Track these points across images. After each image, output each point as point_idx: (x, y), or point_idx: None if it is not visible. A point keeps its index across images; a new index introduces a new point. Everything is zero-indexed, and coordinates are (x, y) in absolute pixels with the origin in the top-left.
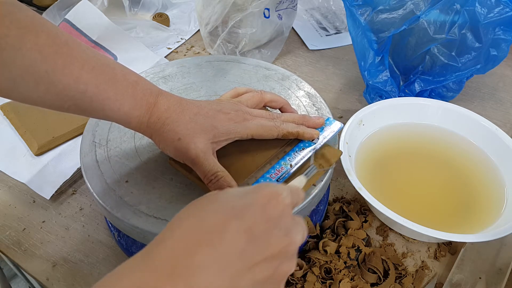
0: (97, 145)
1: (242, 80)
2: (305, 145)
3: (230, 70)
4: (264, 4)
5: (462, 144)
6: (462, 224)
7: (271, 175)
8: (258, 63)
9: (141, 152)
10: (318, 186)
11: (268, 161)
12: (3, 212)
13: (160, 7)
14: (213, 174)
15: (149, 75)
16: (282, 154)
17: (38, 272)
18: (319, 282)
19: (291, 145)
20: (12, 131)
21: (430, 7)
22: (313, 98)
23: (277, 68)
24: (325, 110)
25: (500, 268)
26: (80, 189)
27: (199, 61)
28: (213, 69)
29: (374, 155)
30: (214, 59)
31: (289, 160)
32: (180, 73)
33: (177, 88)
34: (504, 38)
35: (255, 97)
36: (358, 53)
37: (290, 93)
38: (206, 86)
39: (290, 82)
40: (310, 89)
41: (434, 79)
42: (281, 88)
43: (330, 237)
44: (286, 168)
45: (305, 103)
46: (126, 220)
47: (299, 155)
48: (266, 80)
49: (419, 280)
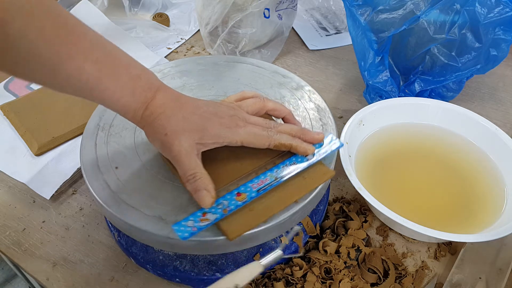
0: (97, 145)
1: (242, 80)
2: (297, 160)
3: (230, 70)
4: (264, 4)
5: (462, 144)
6: (462, 224)
7: (253, 184)
8: (259, 63)
9: (141, 152)
10: (318, 187)
11: (255, 170)
12: (3, 212)
13: (160, 7)
14: (191, 174)
15: None
16: (271, 165)
17: (38, 272)
18: (319, 282)
19: (282, 158)
20: (12, 131)
21: (430, 7)
22: (322, 112)
23: (276, 67)
24: (331, 126)
25: (500, 268)
26: (80, 189)
27: (199, 61)
28: (213, 69)
29: (374, 155)
30: (214, 59)
31: (276, 173)
32: (180, 73)
33: (177, 88)
34: (504, 38)
35: (256, 104)
36: (358, 53)
37: (290, 94)
38: (206, 86)
39: (289, 80)
40: (318, 100)
41: (434, 79)
42: (279, 87)
43: (330, 237)
44: (271, 180)
45: (308, 106)
46: (126, 220)
47: (287, 169)
48: (266, 81)
49: (419, 280)
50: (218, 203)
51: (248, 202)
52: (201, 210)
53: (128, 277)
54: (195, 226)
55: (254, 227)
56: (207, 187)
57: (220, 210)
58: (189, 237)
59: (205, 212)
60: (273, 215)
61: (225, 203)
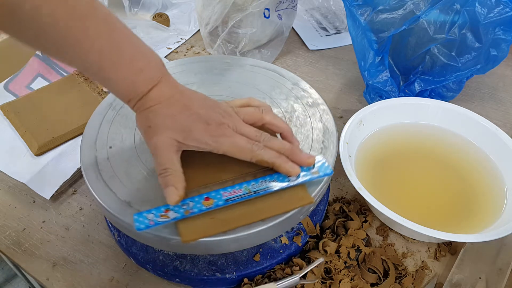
0: (97, 145)
1: (242, 80)
2: (278, 178)
3: (230, 70)
4: (264, 4)
5: (462, 144)
6: (462, 224)
7: (225, 192)
8: (256, 62)
9: (141, 152)
10: (318, 187)
11: (233, 179)
12: (3, 212)
13: (160, 7)
14: (164, 168)
15: None
16: (250, 177)
17: (38, 272)
18: (319, 282)
19: (265, 173)
20: (12, 131)
21: (430, 7)
22: (327, 134)
23: (276, 67)
24: (331, 152)
25: (500, 268)
26: (80, 189)
27: (199, 61)
28: (213, 69)
29: (374, 155)
30: (214, 59)
31: (252, 186)
32: (180, 73)
33: None
34: (504, 38)
35: (254, 115)
36: (358, 53)
37: (290, 94)
38: (206, 86)
39: (290, 80)
40: (315, 95)
41: (434, 79)
42: (279, 87)
43: (330, 237)
44: (244, 192)
45: (307, 103)
46: (126, 220)
47: (265, 185)
48: (266, 81)
49: (419, 280)
50: (184, 203)
51: (213, 209)
52: (165, 206)
53: (128, 277)
54: (154, 220)
55: (210, 235)
56: (176, 185)
57: (182, 210)
58: (143, 229)
59: (168, 209)
60: (234, 228)
61: (190, 204)
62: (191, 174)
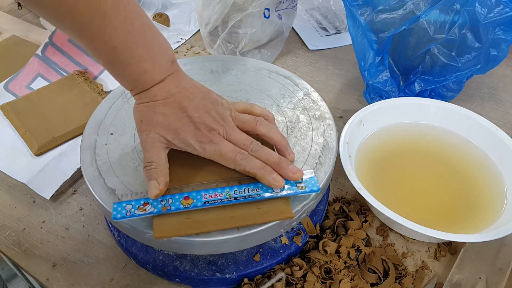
0: (97, 145)
1: (242, 81)
2: (262, 188)
3: (230, 70)
4: (264, 4)
5: (462, 144)
6: (462, 224)
7: (206, 194)
8: (259, 63)
9: (141, 152)
10: (303, 203)
11: (217, 182)
12: (3, 212)
13: (160, 7)
14: (149, 162)
15: None
16: (234, 183)
17: (38, 272)
18: (319, 282)
19: (250, 180)
20: (12, 131)
21: (430, 7)
22: (325, 150)
23: (277, 68)
24: (325, 170)
25: (500, 268)
26: (80, 189)
27: (199, 61)
28: (213, 69)
29: (374, 155)
30: (214, 59)
31: (234, 192)
32: None
33: None
34: (504, 38)
35: (248, 124)
36: (358, 53)
37: (289, 94)
38: (206, 86)
39: (288, 81)
40: (315, 96)
41: (434, 79)
42: (280, 87)
43: (330, 237)
44: (224, 197)
45: (305, 103)
46: (126, 220)
47: (246, 193)
48: (266, 81)
49: (419, 280)
50: (163, 199)
51: (190, 209)
52: (145, 199)
53: (128, 277)
54: (131, 211)
55: (182, 235)
56: (158, 179)
57: (160, 206)
58: (119, 219)
59: (147, 203)
60: (208, 232)
61: (169, 201)
62: (177, 172)
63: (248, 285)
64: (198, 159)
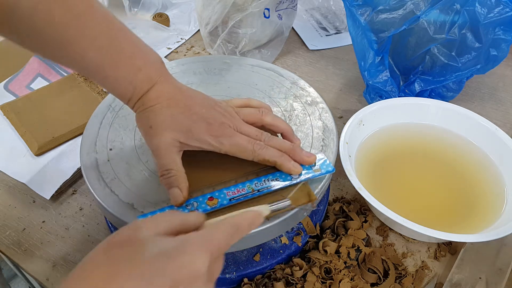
0: (97, 145)
1: (242, 81)
2: (281, 177)
3: (230, 70)
4: (264, 4)
5: (462, 144)
6: (462, 224)
7: (229, 192)
8: (257, 62)
9: (141, 152)
10: (320, 184)
11: (235, 178)
12: (3, 212)
13: (160, 7)
14: (167, 169)
15: None
16: (252, 176)
17: (38, 272)
18: (319, 282)
19: (267, 171)
20: (12, 131)
21: (430, 7)
22: (327, 132)
23: (275, 67)
24: (331, 150)
25: (500, 268)
26: (80, 189)
27: (199, 61)
28: (213, 69)
29: (374, 155)
30: (214, 59)
31: (255, 185)
32: (180, 73)
33: None
34: (504, 38)
35: (253, 116)
36: (358, 53)
37: (290, 94)
38: (206, 86)
39: (285, 78)
40: (314, 94)
41: (434, 79)
42: (279, 87)
43: (330, 237)
44: (247, 191)
45: (306, 102)
46: (126, 220)
47: (267, 184)
48: (266, 81)
49: (419, 280)
50: (188, 203)
51: (218, 208)
52: (169, 207)
53: None
54: None
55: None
56: (180, 185)
57: (187, 211)
58: None
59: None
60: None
61: (195, 204)
62: (193, 175)
63: (248, 285)
64: (210, 159)
